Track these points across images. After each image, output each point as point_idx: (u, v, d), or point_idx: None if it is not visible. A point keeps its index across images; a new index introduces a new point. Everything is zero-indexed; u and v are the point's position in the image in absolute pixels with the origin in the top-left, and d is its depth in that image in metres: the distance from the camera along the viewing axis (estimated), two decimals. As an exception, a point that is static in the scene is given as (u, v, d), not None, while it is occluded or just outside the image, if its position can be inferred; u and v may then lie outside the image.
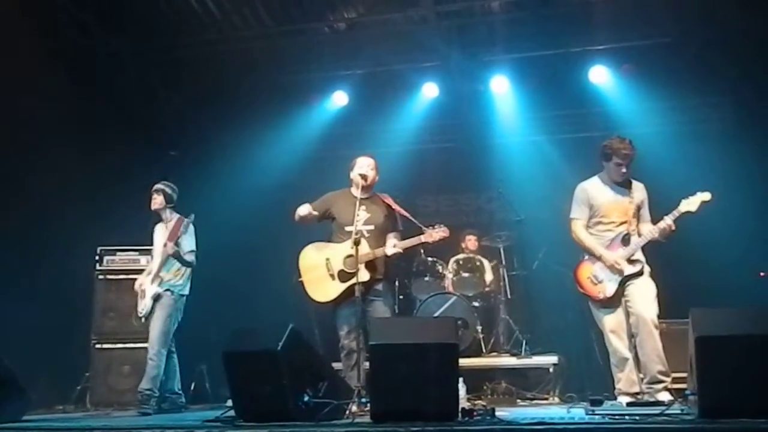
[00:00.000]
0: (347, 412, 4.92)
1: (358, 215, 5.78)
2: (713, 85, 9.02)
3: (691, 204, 5.56)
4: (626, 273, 5.68)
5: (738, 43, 8.26)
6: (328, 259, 5.91)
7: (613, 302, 5.72)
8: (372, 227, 5.86)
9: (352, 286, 5.70)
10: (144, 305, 6.88)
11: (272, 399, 4.69)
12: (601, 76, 9.03)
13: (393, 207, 6.03)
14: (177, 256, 6.82)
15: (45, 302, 7.61)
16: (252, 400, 4.84)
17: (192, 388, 7.87)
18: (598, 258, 5.77)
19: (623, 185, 5.84)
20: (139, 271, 7.42)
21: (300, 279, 6.05)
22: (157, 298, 6.83)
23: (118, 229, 8.24)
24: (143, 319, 6.93)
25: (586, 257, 5.91)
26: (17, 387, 5.63)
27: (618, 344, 5.71)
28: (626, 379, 5.68)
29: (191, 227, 6.99)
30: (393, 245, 5.79)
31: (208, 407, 7.21)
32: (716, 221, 7.92)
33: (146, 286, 6.93)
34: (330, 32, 8.69)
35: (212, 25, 8.65)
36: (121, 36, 8.62)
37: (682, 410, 4.79)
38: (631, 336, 5.69)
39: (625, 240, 5.72)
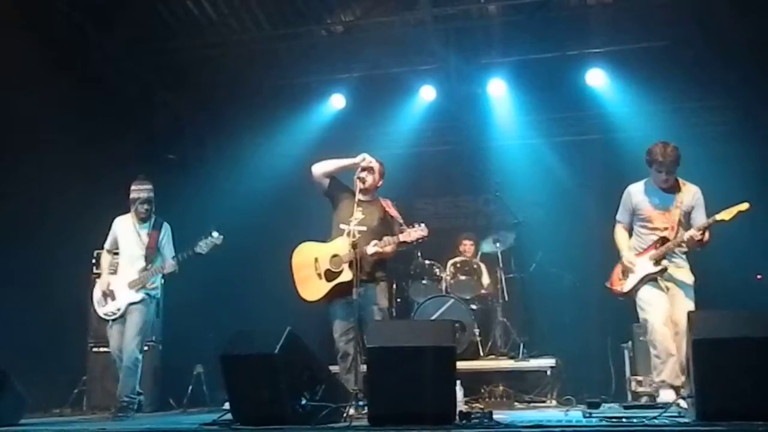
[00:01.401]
0: (345, 415, 4.91)
1: (354, 216, 5.79)
2: (711, 88, 9.03)
3: (726, 214, 5.52)
4: (645, 272, 5.70)
5: (736, 47, 8.28)
6: (316, 259, 5.91)
7: (633, 295, 5.76)
8: (364, 228, 5.83)
9: (337, 285, 5.72)
10: (114, 308, 6.58)
11: (269, 402, 4.68)
12: (598, 79, 9.04)
13: (390, 212, 6.04)
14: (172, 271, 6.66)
15: (42, 305, 7.59)
16: (249, 403, 4.83)
17: (189, 391, 7.86)
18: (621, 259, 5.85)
19: (670, 191, 5.77)
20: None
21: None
22: (134, 304, 6.54)
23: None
24: (110, 322, 6.62)
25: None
26: (14, 390, 5.62)
27: (663, 337, 5.59)
28: (670, 371, 5.55)
29: (170, 232, 6.85)
30: (373, 245, 5.75)
31: (206, 410, 7.21)
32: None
33: (119, 290, 6.61)
34: (327, 35, 8.70)
35: (209, 27, 8.66)
36: (118, 38, 8.62)
37: (679, 413, 4.80)
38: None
39: (661, 241, 5.72)
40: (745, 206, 5.50)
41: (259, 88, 9.59)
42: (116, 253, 6.87)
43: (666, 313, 5.60)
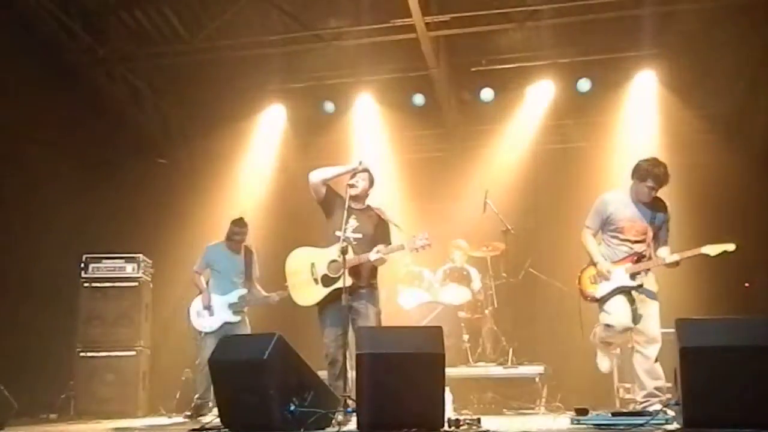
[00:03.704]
0: (333, 421, 4.91)
1: (348, 224, 5.80)
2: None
3: (711, 249, 5.59)
4: (620, 284, 5.74)
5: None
6: (312, 264, 5.88)
7: (603, 303, 5.79)
8: (360, 236, 5.85)
9: (334, 291, 5.69)
10: (208, 325, 7.15)
11: (258, 408, 4.68)
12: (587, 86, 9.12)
13: (384, 219, 6.02)
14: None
15: (29, 309, 7.56)
16: (238, 409, 4.82)
17: (177, 396, 7.83)
18: (595, 264, 5.87)
19: (648, 206, 5.83)
20: (124, 279, 7.83)
21: (286, 284, 6.05)
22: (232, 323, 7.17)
23: (105, 236, 8.23)
24: (202, 334, 7.15)
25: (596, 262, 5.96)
26: (0, 395, 5.59)
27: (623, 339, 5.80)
28: (601, 337, 5.84)
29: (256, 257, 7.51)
30: (376, 251, 5.75)
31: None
32: (704, 229, 8.01)
33: (218, 309, 7.20)
34: (318, 42, 8.69)
35: (200, 33, 8.64)
36: (108, 43, 8.61)
37: (666, 420, 4.82)
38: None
39: (639, 258, 5.79)
40: (732, 247, 5.57)
41: (249, 94, 9.60)
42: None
43: (627, 324, 5.69)
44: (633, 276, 5.74)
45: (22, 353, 7.32)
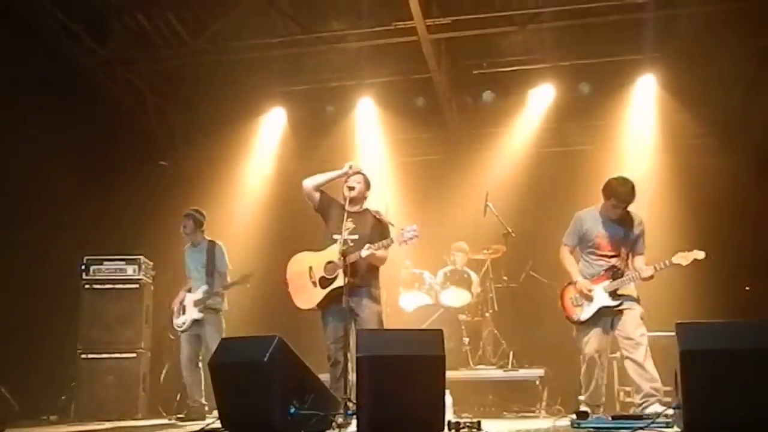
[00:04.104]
0: (333, 424, 4.90)
1: (345, 226, 5.82)
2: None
3: (683, 259, 5.71)
4: (602, 304, 5.89)
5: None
6: (310, 267, 5.92)
7: (587, 327, 5.96)
8: (356, 237, 5.85)
9: (332, 292, 5.72)
10: (179, 324, 7.38)
11: (258, 411, 4.67)
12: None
13: (381, 220, 6.02)
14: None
15: (30, 311, 7.56)
16: (238, 411, 4.82)
17: (178, 398, 7.83)
18: (574, 283, 6.03)
19: (620, 221, 5.97)
20: (125, 281, 7.89)
21: (288, 288, 6.08)
22: (199, 321, 7.31)
23: (106, 238, 8.22)
24: (179, 333, 7.43)
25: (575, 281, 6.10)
26: (1, 396, 5.59)
27: (593, 365, 5.94)
28: (592, 393, 5.99)
29: (222, 250, 7.53)
30: (367, 247, 5.73)
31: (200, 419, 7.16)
32: (703, 232, 8.01)
33: (188, 307, 7.39)
34: (319, 45, 8.69)
35: (202, 35, 8.64)
36: (110, 46, 8.62)
37: (666, 423, 4.81)
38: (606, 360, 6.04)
39: (616, 274, 5.91)
40: (701, 255, 5.72)
41: (251, 96, 9.61)
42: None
43: (599, 349, 5.92)
44: (613, 294, 5.88)
45: (22, 355, 7.32)
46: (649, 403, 5.64)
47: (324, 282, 5.80)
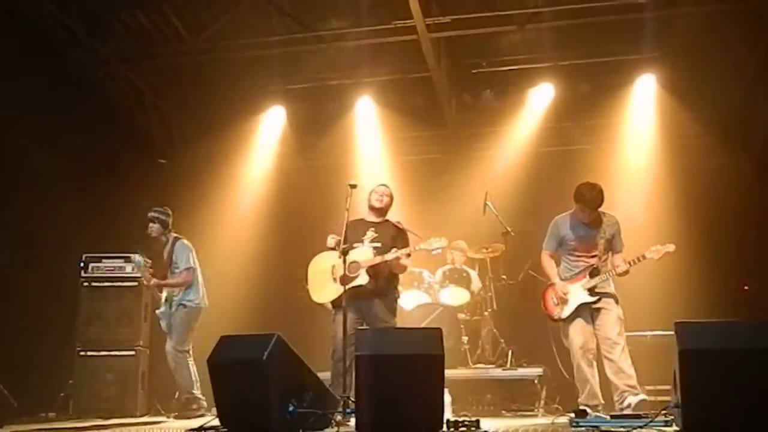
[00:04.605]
0: (332, 422, 4.90)
1: (365, 234, 6.19)
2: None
3: (655, 253, 6.01)
4: (581, 301, 6.11)
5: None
6: (333, 266, 6.15)
7: (568, 323, 6.17)
8: (379, 245, 6.16)
9: (351, 290, 5.87)
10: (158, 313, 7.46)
11: (257, 409, 4.67)
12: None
13: (401, 229, 6.34)
14: (161, 288, 7.38)
15: (30, 309, 7.56)
16: (236, 410, 4.82)
17: (176, 396, 7.82)
18: (552, 285, 6.31)
19: (593, 224, 6.21)
20: (124, 278, 7.91)
21: (306, 285, 6.36)
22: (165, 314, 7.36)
23: (105, 236, 8.21)
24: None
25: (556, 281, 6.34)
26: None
27: (582, 363, 6.07)
28: (588, 394, 6.03)
29: (181, 244, 7.39)
30: (393, 251, 6.06)
31: (193, 416, 7.16)
32: (703, 232, 8.01)
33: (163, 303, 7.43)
34: (318, 43, 8.68)
35: (201, 33, 8.63)
36: (109, 44, 8.60)
37: (665, 422, 4.81)
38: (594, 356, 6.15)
39: (593, 272, 6.14)
40: (672, 248, 6.00)
41: (250, 94, 9.60)
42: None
43: (585, 345, 6.08)
44: (591, 291, 6.09)
45: (21, 352, 7.31)
46: (624, 398, 5.79)
47: (344, 279, 5.91)
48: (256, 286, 9.29)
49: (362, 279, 5.99)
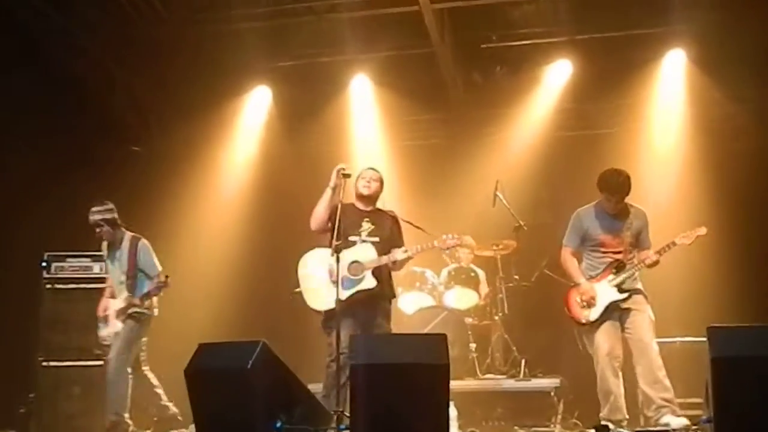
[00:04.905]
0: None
1: (361, 227, 6.09)
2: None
3: (685, 238, 6.03)
4: (610, 299, 6.07)
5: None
6: (331, 266, 5.97)
7: (596, 327, 6.11)
8: (376, 239, 6.09)
9: (354, 294, 5.89)
10: (105, 335, 7.13)
11: (240, 425, 4.68)
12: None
13: (399, 222, 6.31)
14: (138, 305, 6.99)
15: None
16: (217, 425, 4.83)
17: (152, 410, 7.82)
18: (577, 285, 6.23)
19: (619, 216, 6.22)
20: (92, 279, 7.74)
21: (297, 290, 6.21)
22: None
23: (70, 233, 8.20)
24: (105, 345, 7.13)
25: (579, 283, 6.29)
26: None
27: (608, 372, 6.04)
28: (611, 407, 6.01)
29: (144, 246, 7.11)
30: (404, 250, 6.04)
31: (168, 433, 7.19)
32: (738, 223, 8.01)
33: (110, 316, 7.11)
34: (309, 15, 8.67)
35: (177, 4, 8.62)
36: (73, 14, 8.55)
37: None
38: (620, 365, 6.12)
39: (619, 267, 6.13)
40: (703, 230, 6.04)
41: (234, 73, 9.59)
42: None
43: (611, 351, 6.05)
44: (620, 287, 6.07)
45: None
46: (661, 414, 5.76)
47: (347, 283, 5.90)
48: (240, 287, 9.29)
49: (368, 282, 5.95)
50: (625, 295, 6.04)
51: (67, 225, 8.21)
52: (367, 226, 6.14)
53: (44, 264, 7.87)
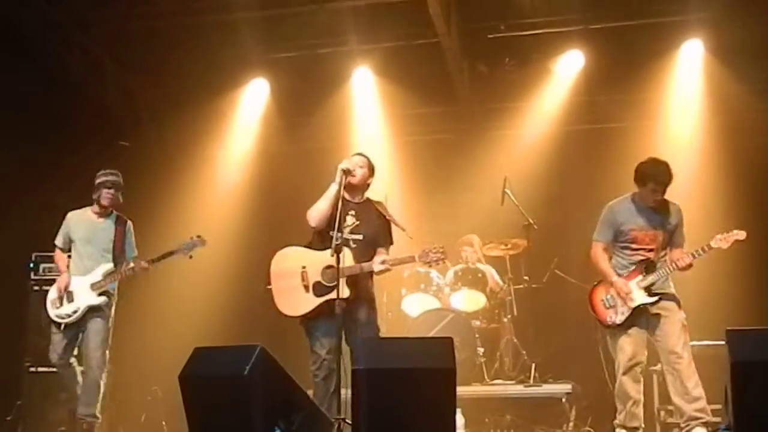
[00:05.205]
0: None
1: (346, 222, 5.81)
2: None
3: (723, 242, 5.89)
4: (637, 303, 6.00)
5: None
6: (304, 268, 5.83)
7: (622, 330, 6.07)
8: (360, 237, 5.84)
9: (326, 302, 5.68)
10: (70, 312, 6.81)
11: (237, 432, 4.68)
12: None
13: (387, 217, 6.01)
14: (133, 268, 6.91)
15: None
16: (213, 433, 4.82)
17: (143, 418, 7.85)
18: (611, 284, 6.13)
19: (658, 210, 6.14)
20: None
21: (268, 286, 6.01)
22: (95, 309, 6.80)
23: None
24: (62, 326, 6.82)
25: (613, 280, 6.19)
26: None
27: (628, 377, 6.03)
28: (628, 413, 6.02)
29: (131, 227, 7.18)
30: (381, 261, 5.74)
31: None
32: (759, 228, 7.98)
33: (78, 291, 6.84)
34: (307, 4, 8.66)
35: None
36: (63, 4, 8.57)
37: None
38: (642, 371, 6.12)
39: (649, 268, 6.05)
40: (743, 235, 5.88)
41: (228, 65, 9.59)
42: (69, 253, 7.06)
43: (634, 356, 6.03)
44: (649, 290, 6.00)
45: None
46: (691, 427, 5.74)
47: (319, 289, 5.75)
48: (236, 289, 9.30)
49: (343, 291, 5.54)
50: (655, 298, 5.98)
51: (55, 223, 8.22)
52: (351, 221, 5.85)
53: (32, 264, 7.89)
